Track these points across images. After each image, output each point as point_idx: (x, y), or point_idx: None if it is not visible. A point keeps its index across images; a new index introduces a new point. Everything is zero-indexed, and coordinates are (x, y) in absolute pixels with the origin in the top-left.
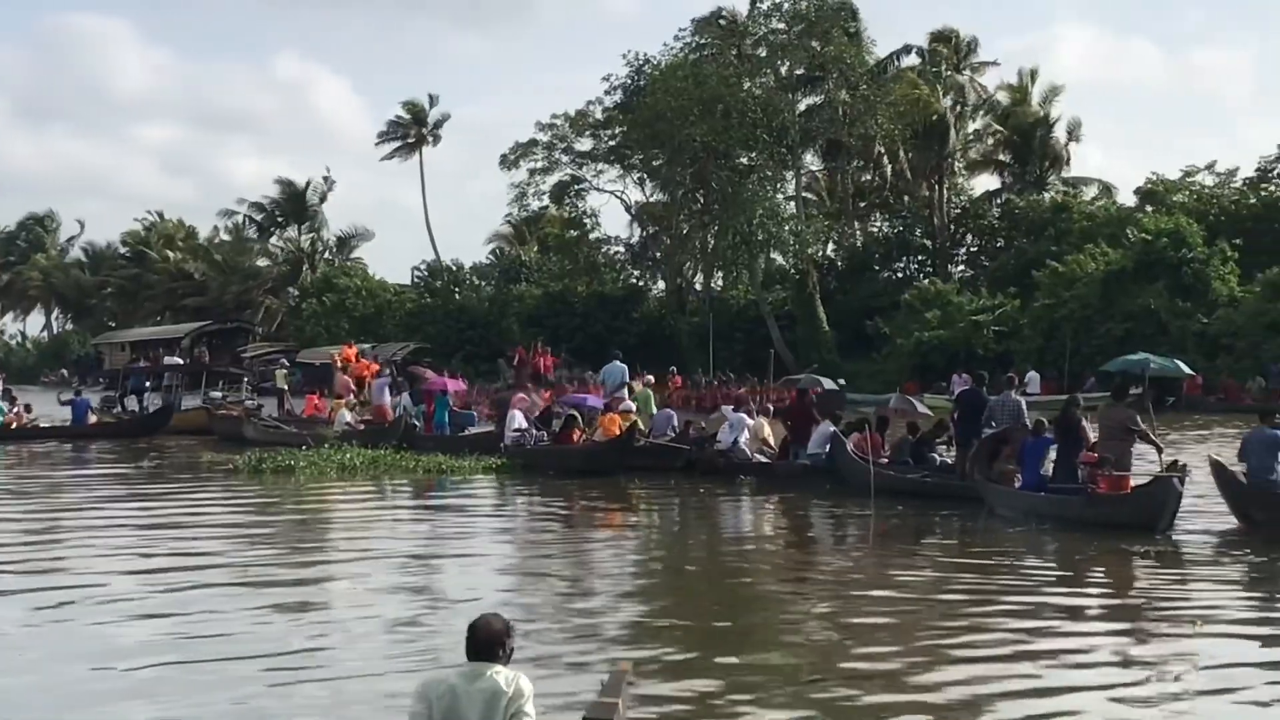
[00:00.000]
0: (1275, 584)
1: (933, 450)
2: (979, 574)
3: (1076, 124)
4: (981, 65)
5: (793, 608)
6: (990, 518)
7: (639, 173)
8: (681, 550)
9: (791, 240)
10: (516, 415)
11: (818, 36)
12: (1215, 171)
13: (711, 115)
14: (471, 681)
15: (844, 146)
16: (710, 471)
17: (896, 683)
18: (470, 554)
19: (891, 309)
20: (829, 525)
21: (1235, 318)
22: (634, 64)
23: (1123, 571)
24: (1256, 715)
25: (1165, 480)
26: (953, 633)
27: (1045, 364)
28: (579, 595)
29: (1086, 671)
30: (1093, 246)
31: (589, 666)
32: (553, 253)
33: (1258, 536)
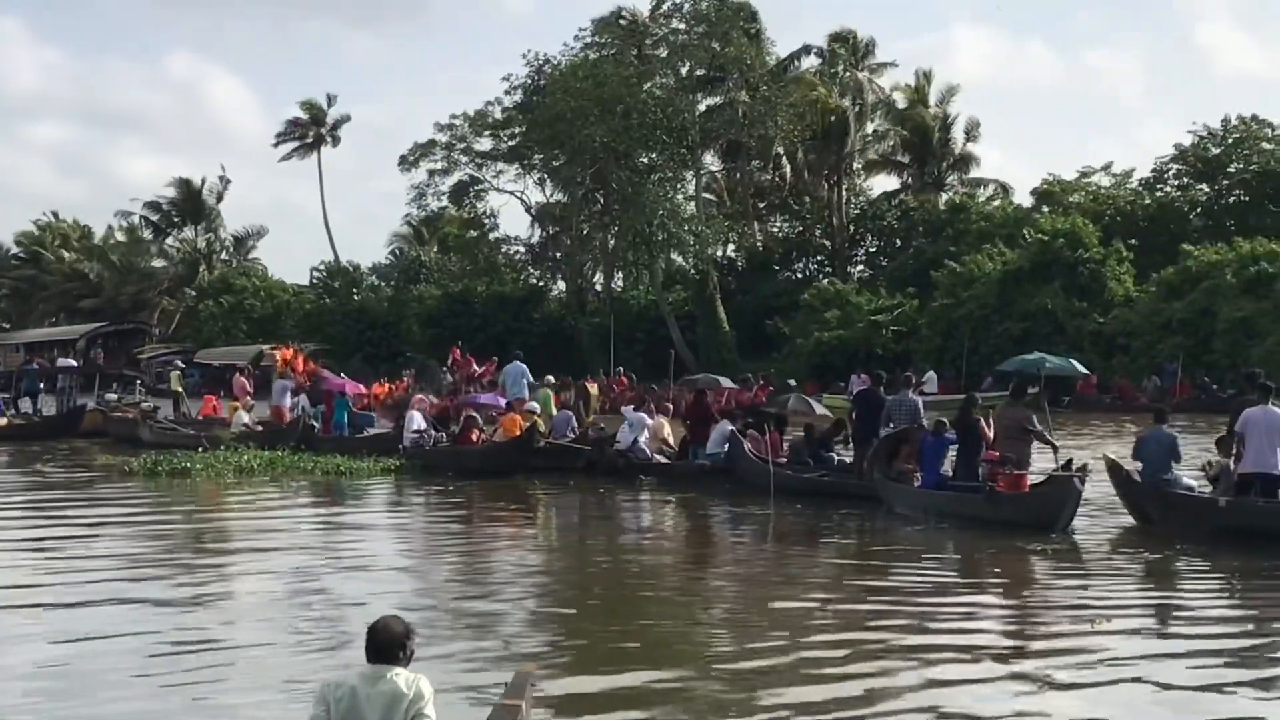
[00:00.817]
0: (1170, 581)
1: (830, 450)
2: (878, 572)
3: (974, 125)
4: (880, 66)
5: (692, 608)
6: (888, 516)
7: (539, 173)
8: (582, 551)
9: (692, 240)
10: (415, 416)
11: (718, 37)
12: (1111, 172)
13: (611, 116)
14: (372, 684)
15: (744, 147)
16: (610, 472)
17: (796, 680)
18: (369, 556)
19: (791, 309)
20: (728, 525)
21: (1130, 317)
22: (534, 64)
23: (1021, 569)
24: (1155, 711)
25: (1066, 480)
26: (852, 630)
27: (943, 363)
28: (480, 597)
29: (984, 668)
30: (990, 247)
31: (491, 669)
32: (452, 253)
33: (1153, 534)
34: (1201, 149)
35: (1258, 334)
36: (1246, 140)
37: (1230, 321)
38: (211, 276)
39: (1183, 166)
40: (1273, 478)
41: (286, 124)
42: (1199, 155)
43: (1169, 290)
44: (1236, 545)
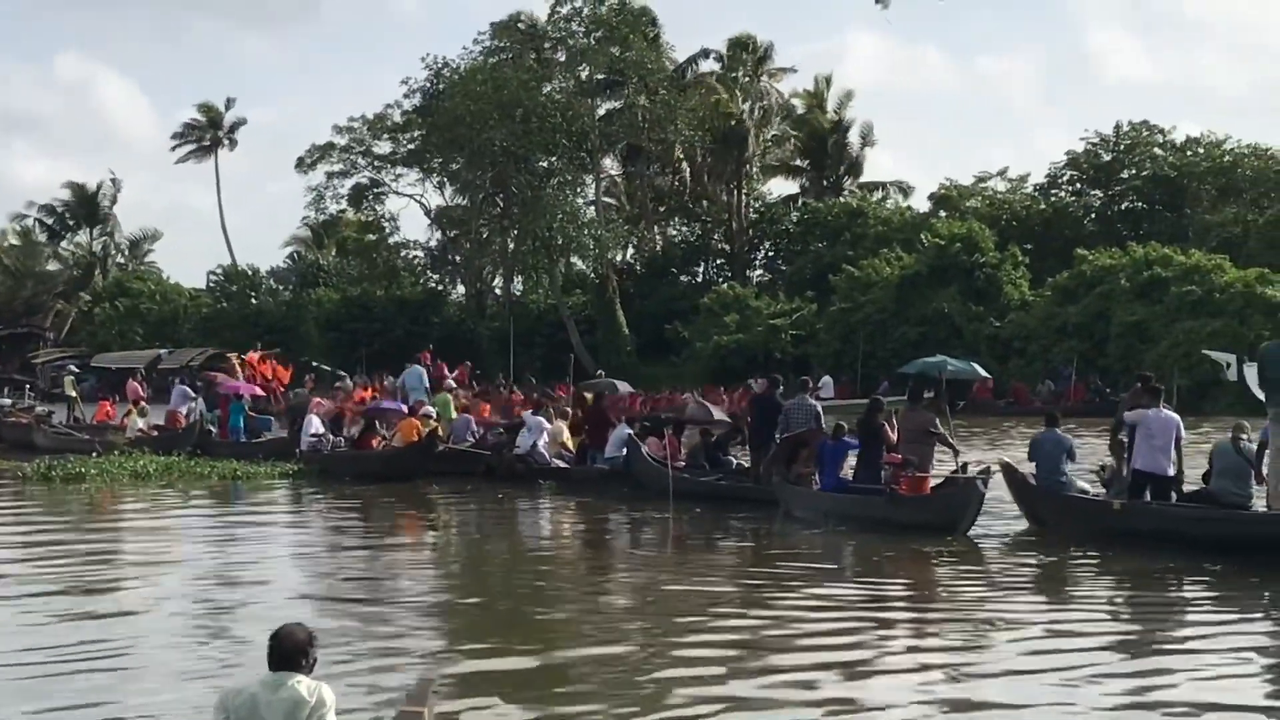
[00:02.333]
0: (1064, 583)
1: (728, 454)
2: (776, 576)
3: (870, 130)
4: (779, 71)
5: (592, 612)
6: (786, 520)
7: (438, 176)
8: (482, 556)
9: (591, 244)
10: (313, 420)
11: (617, 41)
12: (1007, 178)
13: (511, 119)
14: (273, 691)
15: (643, 151)
16: (510, 476)
17: (694, 683)
18: (267, 562)
19: (690, 313)
20: (627, 529)
21: (1026, 321)
22: (433, 67)
23: (920, 571)
24: (1051, 712)
25: (969, 482)
26: (751, 633)
27: (841, 367)
28: (381, 602)
29: (883, 670)
30: (888, 251)
31: (393, 675)
32: (351, 256)
33: (1047, 536)
34: (1095, 155)
35: (1151, 338)
36: (1138, 146)
37: (1124, 325)
38: (107, 280)
39: (1077, 172)
40: (1164, 479)
41: (183, 126)
42: (1092, 161)
43: (1064, 294)
44: (1129, 547)
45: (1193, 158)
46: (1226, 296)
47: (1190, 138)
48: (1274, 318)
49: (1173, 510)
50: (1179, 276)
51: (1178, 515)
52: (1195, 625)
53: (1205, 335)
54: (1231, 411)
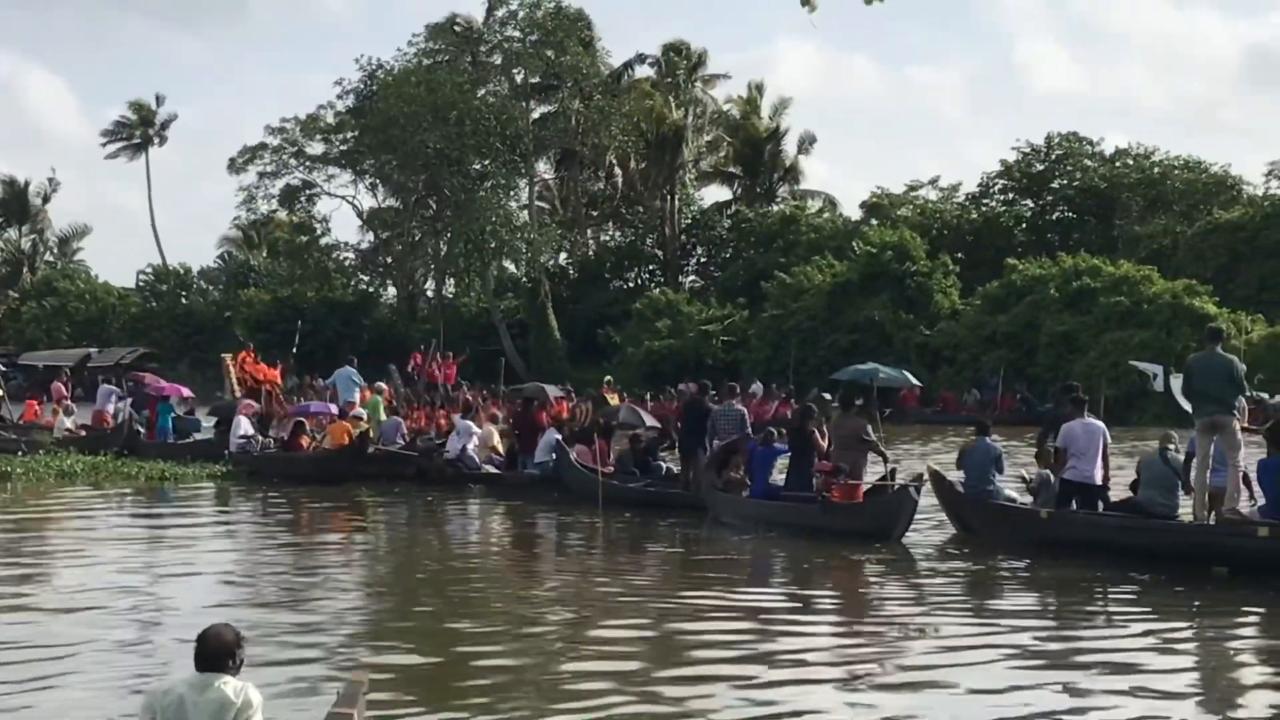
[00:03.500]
0: (992, 591)
1: (658, 459)
2: (704, 582)
3: (804, 138)
4: (713, 78)
5: (521, 617)
6: (715, 526)
7: (371, 178)
8: (412, 560)
9: (524, 248)
10: (242, 421)
11: (553, 45)
12: (939, 187)
13: (445, 122)
14: (200, 692)
15: (577, 155)
16: (440, 480)
17: (623, 688)
18: (195, 562)
19: (623, 318)
20: (556, 534)
21: (956, 330)
22: (366, 69)
23: (850, 578)
24: (985, 706)
25: (902, 490)
26: (680, 639)
27: (772, 374)
28: (310, 605)
29: (814, 677)
30: (820, 258)
31: (322, 677)
32: (282, 257)
33: (975, 544)
34: (1026, 165)
35: (1079, 348)
36: (1069, 157)
37: (1053, 335)
38: (35, 278)
39: (1008, 182)
40: (1091, 488)
41: (114, 124)
42: (1024, 171)
43: (994, 304)
44: (1057, 555)
45: (1122, 169)
46: (1154, 308)
47: (1120, 149)
48: (1201, 329)
49: (1099, 519)
50: (1108, 287)
51: (1104, 524)
52: (1120, 634)
53: (1133, 346)
54: (1158, 422)
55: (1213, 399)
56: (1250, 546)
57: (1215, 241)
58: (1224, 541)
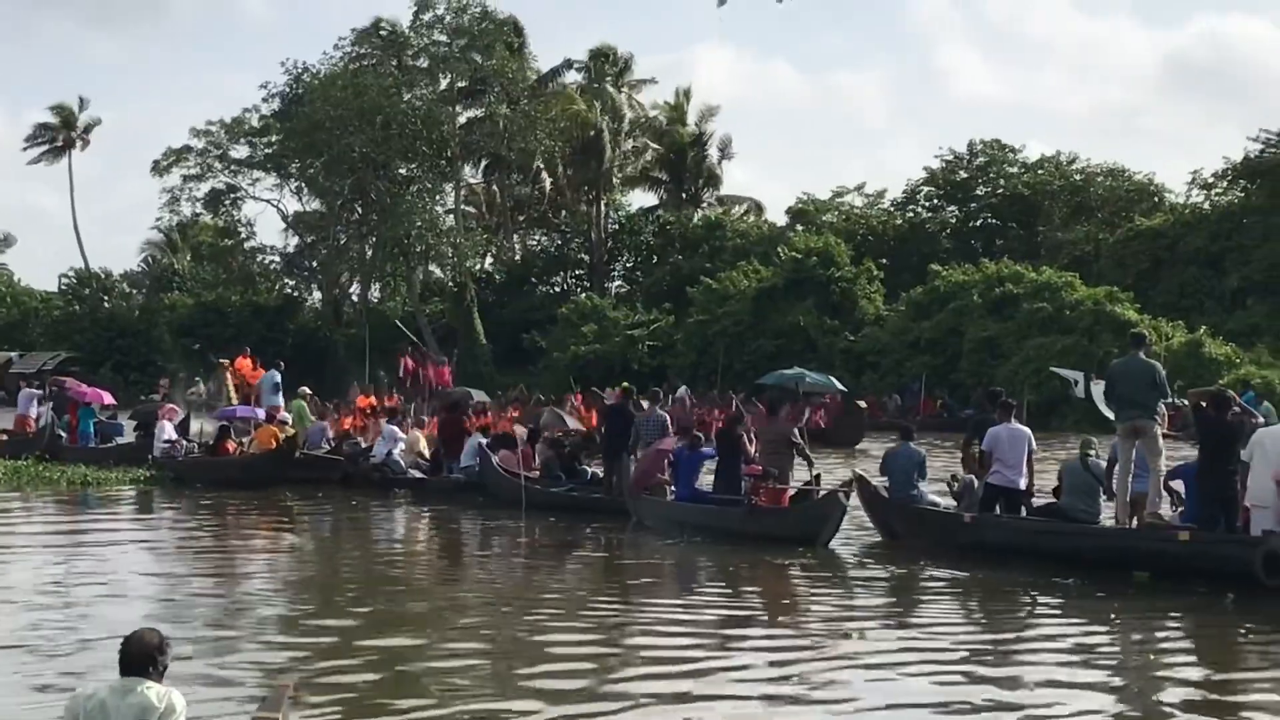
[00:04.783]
0: (916, 595)
1: (582, 464)
2: (627, 585)
3: (728, 143)
4: (639, 83)
5: (447, 622)
6: (639, 530)
7: (296, 182)
8: (337, 564)
9: (450, 253)
10: (165, 426)
11: (479, 50)
12: (864, 193)
13: (371, 126)
14: (123, 697)
15: (504, 160)
16: (366, 484)
17: (548, 693)
18: (118, 568)
19: (548, 323)
20: (480, 539)
21: (880, 336)
22: (292, 72)
23: (774, 582)
24: (908, 711)
25: (831, 495)
26: (604, 645)
27: (698, 379)
28: (234, 610)
29: (739, 682)
30: (745, 264)
31: (247, 682)
32: (206, 261)
33: (900, 549)
34: (950, 172)
35: (1002, 354)
36: (993, 164)
37: (976, 341)
38: None
39: (933, 189)
40: (1015, 492)
41: (36, 127)
42: (948, 178)
43: (918, 310)
44: (980, 560)
45: (1046, 176)
46: (1076, 314)
47: (1045, 156)
48: (1122, 335)
49: (1022, 524)
50: (1030, 293)
51: (1027, 529)
52: (1043, 638)
53: (1055, 352)
54: (1078, 428)
55: (1135, 404)
56: (1171, 551)
57: (1137, 248)
58: (1145, 546)
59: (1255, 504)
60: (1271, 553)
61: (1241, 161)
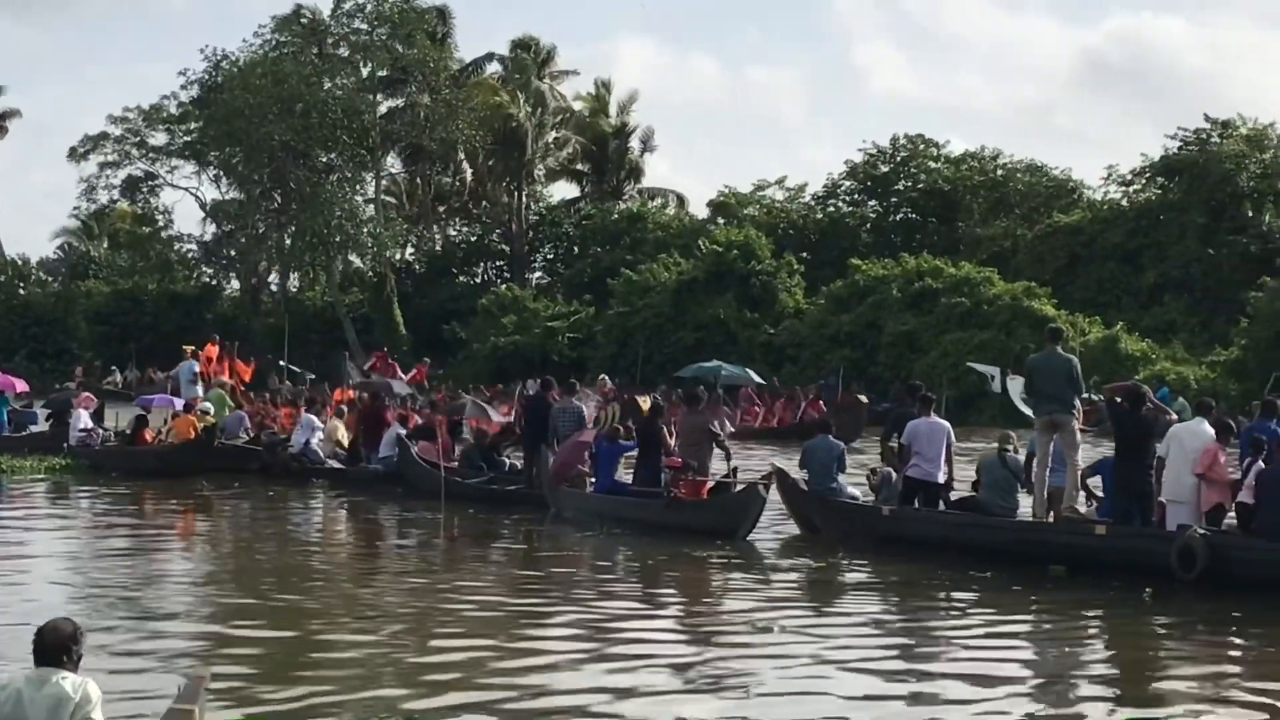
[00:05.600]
0: (835, 588)
1: (502, 455)
2: (543, 577)
3: (650, 135)
4: (561, 74)
5: (363, 613)
6: (560, 522)
7: (215, 170)
8: (253, 553)
9: (370, 242)
10: (81, 415)
11: (401, 39)
12: (785, 187)
13: (291, 114)
14: (37, 687)
15: (425, 150)
16: (285, 474)
17: (467, 685)
18: (32, 557)
19: (469, 314)
20: (398, 530)
21: (800, 329)
22: (211, 59)
23: (692, 575)
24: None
25: (750, 487)
26: (518, 637)
27: (618, 371)
28: (150, 600)
29: (653, 675)
30: (666, 256)
31: (163, 673)
32: (123, 249)
33: (818, 542)
34: (871, 166)
35: (920, 348)
36: (914, 159)
37: (895, 335)
38: None
39: (854, 183)
40: (935, 486)
41: None
42: (869, 172)
43: (837, 303)
44: (899, 553)
45: (966, 172)
46: (994, 309)
47: (968, 152)
48: (1040, 331)
49: (940, 517)
50: (949, 288)
51: (945, 522)
52: (960, 631)
53: (973, 346)
54: (995, 423)
55: (1053, 399)
56: (1088, 545)
57: (1054, 244)
58: (1062, 540)
59: (1170, 499)
60: (1186, 547)
61: (1159, 159)
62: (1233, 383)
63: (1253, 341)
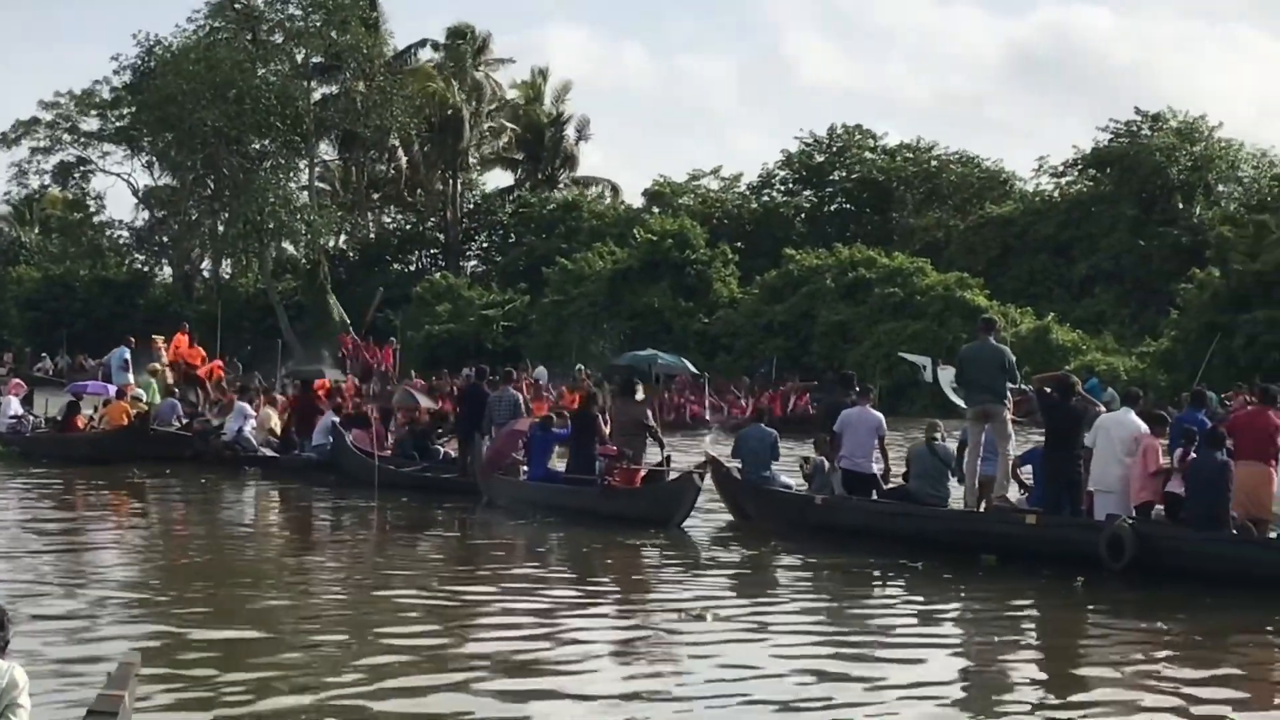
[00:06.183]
0: (767, 576)
1: (435, 443)
2: (476, 565)
3: (585, 124)
4: (497, 62)
5: (296, 600)
6: (493, 510)
7: (148, 156)
8: (185, 541)
9: (303, 229)
10: (11, 401)
11: (335, 25)
12: (720, 176)
13: (224, 100)
14: None
15: (359, 137)
16: (217, 462)
17: (386, 673)
18: None
19: (403, 301)
20: (332, 518)
21: (734, 318)
22: (144, 44)
23: (628, 564)
24: (757, 691)
25: (685, 476)
26: (450, 629)
27: (553, 359)
28: (81, 587)
29: (587, 663)
30: (601, 245)
31: (94, 659)
32: (55, 235)
33: (751, 530)
34: (807, 156)
35: (854, 338)
36: (849, 149)
37: (828, 325)
38: None
39: (789, 173)
40: (865, 476)
41: None
42: (805, 162)
43: (771, 293)
44: (832, 542)
45: (901, 163)
46: (927, 299)
47: (903, 143)
48: (972, 321)
49: (872, 506)
50: (882, 278)
51: (877, 511)
52: (891, 620)
53: (906, 336)
54: (926, 413)
55: (984, 389)
56: (1018, 534)
57: (987, 235)
58: (993, 529)
59: (1099, 489)
60: (1115, 536)
61: (1090, 151)
62: (1162, 373)
63: (1182, 333)
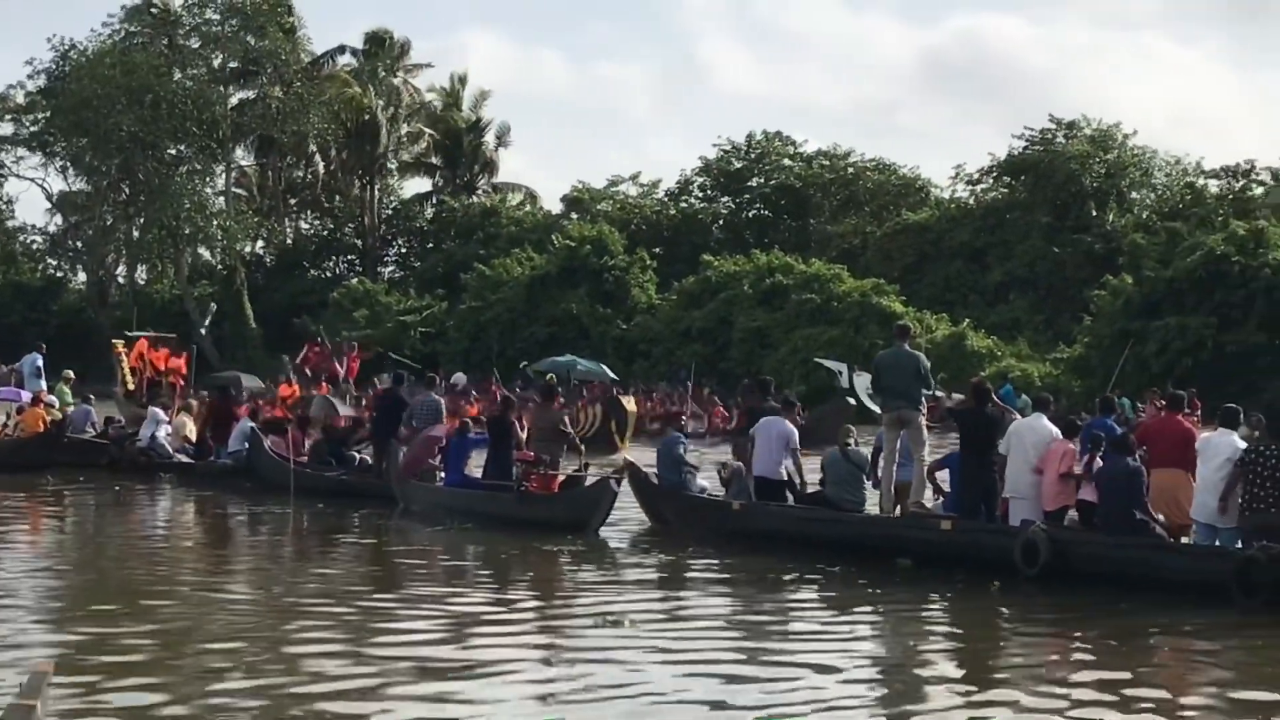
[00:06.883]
0: (684, 581)
1: (352, 449)
2: (392, 571)
3: (505, 130)
4: (415, 68)
5: (210, 609)
6: (409, 516)
7: (62, 160)
8: (98, 549)
9: (220, 235)
10: None
11: (252, 30)
12: (639, 183)
13: (140, 105)
14: None
15: (276, 143)
16: (132, 469)
17: (312, 681)
18: None
19: (320, 307)
20: (246, 524)
21: (652, 325)
22: (59, 49)
23: (542, 568)
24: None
25: (602, 481)
26: (364, 638)
27: (471, 365)
28: None
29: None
30: (519, 251)
31: (4, 669)
32: None
33: (668, 536)
34: (725, 163)
35: (771, 344)
36: (768, 156)
37: (746, 331)
38: None
39: (707, 179)
40: (774, 483)
41: None
42: (723, 169)
43: (689, 299)
44: (749, 547)
45: (818, 169)
46: (844, 305)
47: (820, 150)
48: (888, 327)
49: (789, 511)
50: (799, 284)
51: (794, 516)
52: (806, 625)
53: (823, 342)
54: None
55: (900, 394)
56: (933, 539)
57: (903, 242)
58: (908, 534)
59: (1013, 495)
60: (1029, 542)
61: (1005, 159)
62: (1076, 380)
63: (1095, 339)
